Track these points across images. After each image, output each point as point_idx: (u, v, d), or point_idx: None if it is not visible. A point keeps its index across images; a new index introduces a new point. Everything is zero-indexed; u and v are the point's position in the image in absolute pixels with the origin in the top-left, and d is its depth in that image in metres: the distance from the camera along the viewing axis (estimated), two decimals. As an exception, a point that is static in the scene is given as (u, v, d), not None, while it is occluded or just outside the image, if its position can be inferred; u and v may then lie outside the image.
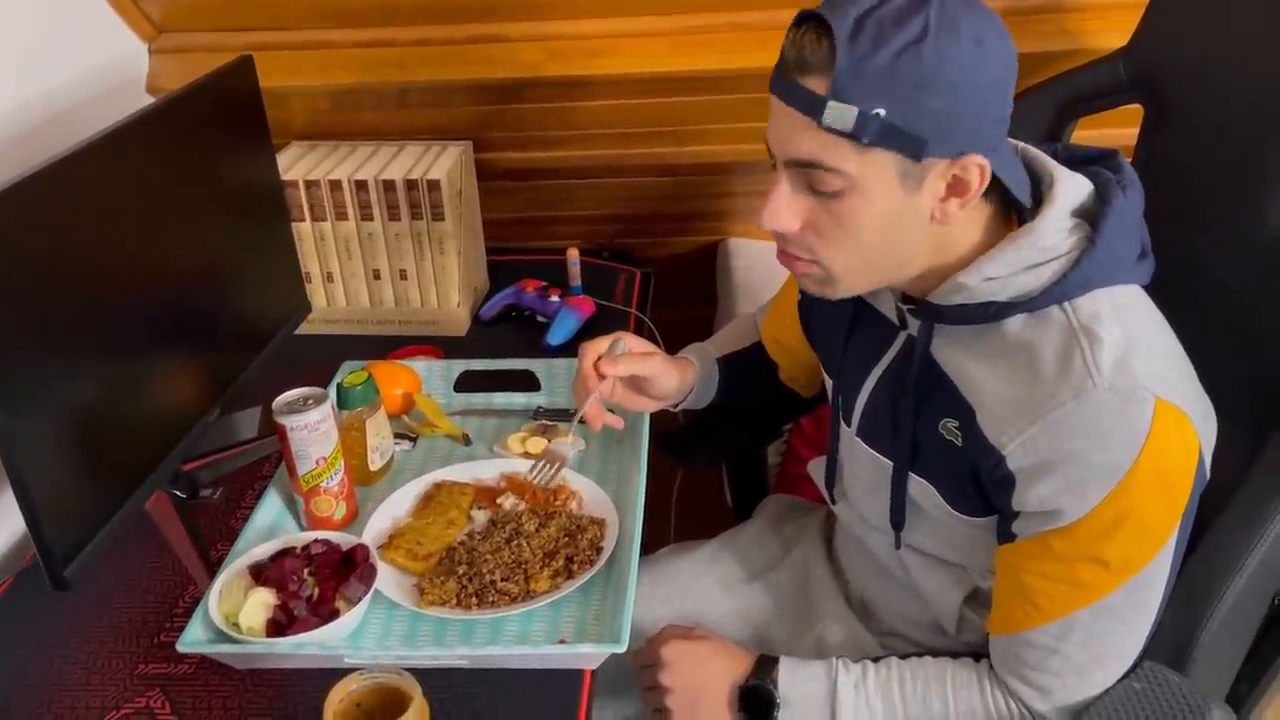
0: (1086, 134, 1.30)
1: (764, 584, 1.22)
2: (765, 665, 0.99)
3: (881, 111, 0.77)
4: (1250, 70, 1.04)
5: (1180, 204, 1.08)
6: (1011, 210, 0.88)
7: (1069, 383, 0.80)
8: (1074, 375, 0.80)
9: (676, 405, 1.21)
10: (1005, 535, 0.89)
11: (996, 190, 0.85)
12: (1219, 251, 1.04)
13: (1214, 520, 0.93)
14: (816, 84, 0.79)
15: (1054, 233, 0.84)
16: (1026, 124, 1.27)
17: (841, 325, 1.04)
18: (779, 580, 1.22)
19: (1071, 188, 0.86)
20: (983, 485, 0.88)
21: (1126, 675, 0.89)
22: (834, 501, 1.15)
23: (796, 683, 0.97)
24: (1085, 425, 0.79)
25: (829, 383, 1.10)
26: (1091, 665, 0.88)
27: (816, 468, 1.17)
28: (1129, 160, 1.13)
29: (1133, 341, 0.81)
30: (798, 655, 1.12)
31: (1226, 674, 1.01)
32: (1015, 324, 0.85)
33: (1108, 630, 0.86)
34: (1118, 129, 1.23)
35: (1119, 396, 0.79)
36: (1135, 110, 1.19)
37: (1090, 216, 0.86)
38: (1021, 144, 0.91)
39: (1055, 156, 0.90)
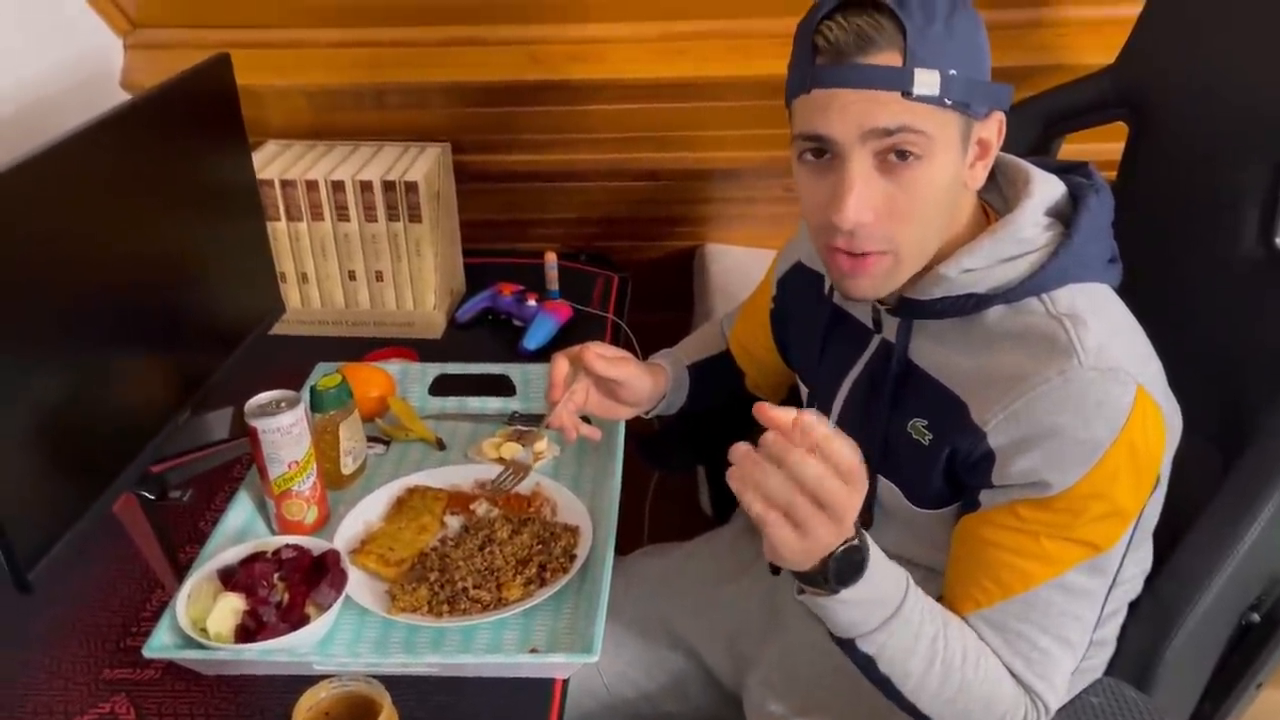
0: (1072, 149, 1.31)
1: (736, 587, 1.22)
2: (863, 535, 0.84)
3: (954, 71, 0.81)
4: (1234, 92, 1.05)
5: (1160, 222, 1.09)
6: (987, 207, 0.92)
7: (1054, 360, 0.82)
8: (1059, 353, 0.82)
9: (649, 412, 1.21)
10: (970, 505, 0.89)
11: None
12: (1196, 271, 1.05)
13: (1183, 537, 0.94)
14: (886, 58, 0.80)
15: (1031, 226, 0.87)
16: (1012, 138, 1.27)
17: (817, 333, 1.05)
18: (751, 584, 1.23)
19: (1047, 187, 0.89)
20: (956, 473, 0.89)
21: (1085, 691, 0.89)
22: None
23: (880, 574, 0.84)
24: (1070, 401, 0.81)
25: (804, 390, 1.11)
26: (1056, 651, 0.87)
27: None
28: (1111, 176, 1.15)
29: (1113, 331, 0.84)
30: (766, 659, 1.12)
31: (1190, 693, 1.02)
32: (995, 315, 0.87)
33: (1063, 611, 0.86)
34: (1102, 144, 1.24)
35: (1103, 376, 0.81)
36: (1120, 128, 1.20)
37: (1064, 217, 0.89)
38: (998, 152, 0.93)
39: None
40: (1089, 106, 1.23)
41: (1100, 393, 0.80)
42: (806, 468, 0.72)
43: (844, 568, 0.79)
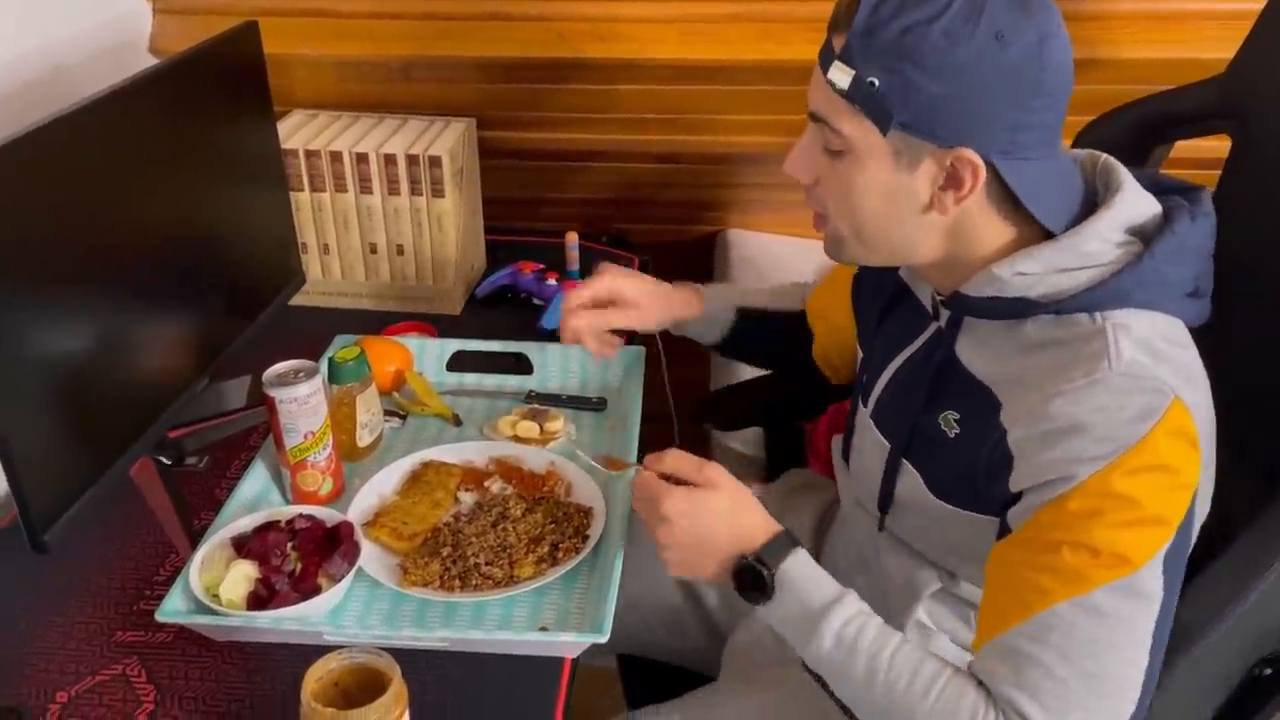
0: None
1: None
2: (777, 548, 0.89)
3: (875, 81, 0.80)
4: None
5: (1251, 243, 1.03)
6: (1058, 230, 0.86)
7: (1083, 364, 0.79)
8: (1090, 356, 0.79)
9: (672, 329, 1.25)
10: (1002, 531, 0.85)
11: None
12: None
13: (1204, 566, 0.88)
14: (838, 41, 0.83)
15: (1097, 240, 0.83)
16: (1106, 144, 1.14)
17: (880, 304, 1.05)
18: None
19: (1134, 203, 0.85)
20: (978, 477, 0.87)
21: None
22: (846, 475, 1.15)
23: (800, 581, 0.87)
24: (1091, 400, 0.78)
25: (859, 357, 1.11)
26: (1081, 688, 0.76)
27: (837, 443, 1.17)
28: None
29: (1162, 353, 0.79)
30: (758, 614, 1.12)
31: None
32: (1043, 322, 0.84)
33: (1093, 638, 0.76)
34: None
35: (1133, 381, 0.77)
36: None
37: (1147, 238, 0.84)
38: (1106, 157, 0.90)
39: (1140, 180, 0.88)
40: (1192, 115, 1.16)
41: (1126, 396, 0.77)
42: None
43: (771, 550, 0.88)
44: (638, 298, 1.19)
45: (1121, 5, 1.39)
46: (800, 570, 0.88)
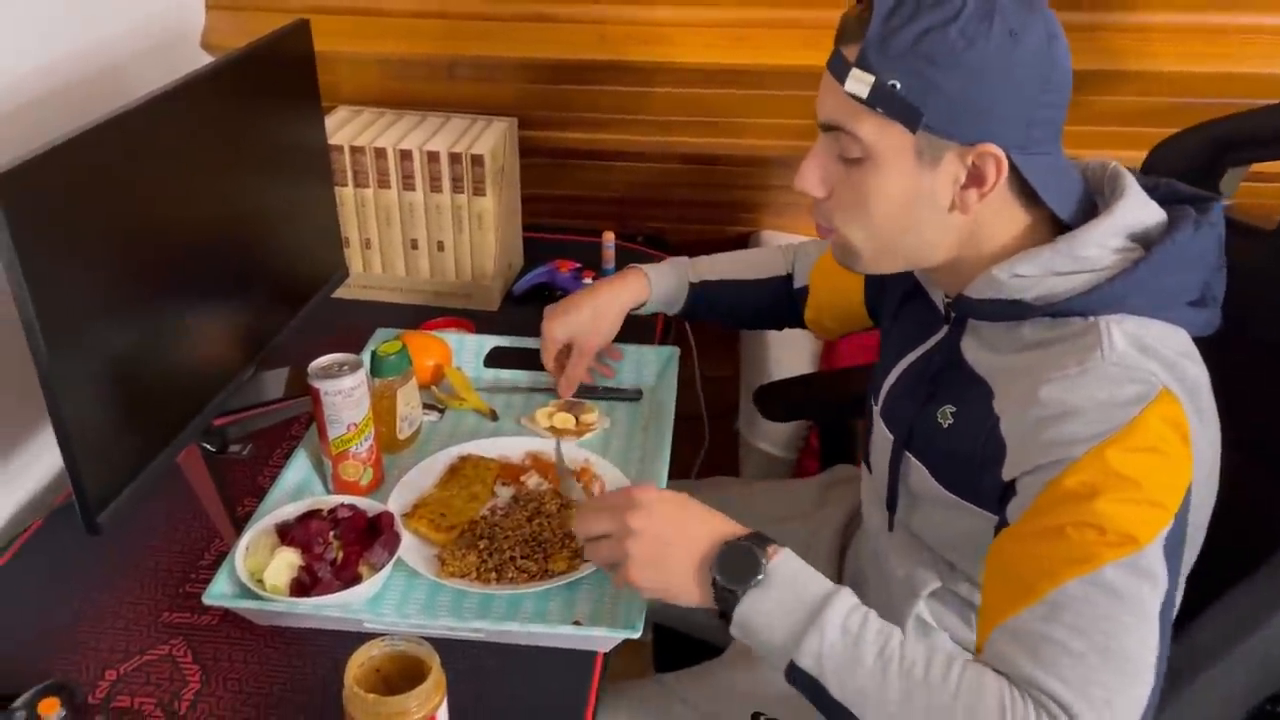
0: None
1: (773, 533, 1.23)
2: (761, 537, 0.85)
3: (896, 84, 0.82)
4: None
5: None
6: (1065, 228, 0.88)
7: (1076, 354, 0.81)
8: (1084, 348, 0.81)
9: (638, 309, 1.31)
10: (1000, 525, 0.85)
11: (1040, 201, 0.87)
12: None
13: (1225, 591, 0.87)
14: (850, 51, 0.84)
15: (1094, 245, 0.85)
16: (1173, 163, 1.16)
17: (896, 297, 1.07)
18: (789, 532, 1.23)
19: (1136, 209, 0.86)
20: (974, 469, 0.88)
21: None
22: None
23: (793, 573, 0.83)
24: (1084, 388, 0.80)
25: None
26: (1099, 664, 0.74)
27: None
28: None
29: (1153, 349, 0.80)
30: None
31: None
32: (1038, 325, 0.86)
33: (1105, 615, 0.75)
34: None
35: (1125, 371, 0.79)
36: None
37: (1149, 245, 0.85)
38: (1116, 164, 0.91)
39: (1154, 190, 0.90)
40: (1272, 138, 1.12)
41: (1117, 386, 0.79)
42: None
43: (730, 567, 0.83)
44: (580, 333, 1.28)
45: (1158, 18, 1.38)
46: (791, 562, 0.83)
